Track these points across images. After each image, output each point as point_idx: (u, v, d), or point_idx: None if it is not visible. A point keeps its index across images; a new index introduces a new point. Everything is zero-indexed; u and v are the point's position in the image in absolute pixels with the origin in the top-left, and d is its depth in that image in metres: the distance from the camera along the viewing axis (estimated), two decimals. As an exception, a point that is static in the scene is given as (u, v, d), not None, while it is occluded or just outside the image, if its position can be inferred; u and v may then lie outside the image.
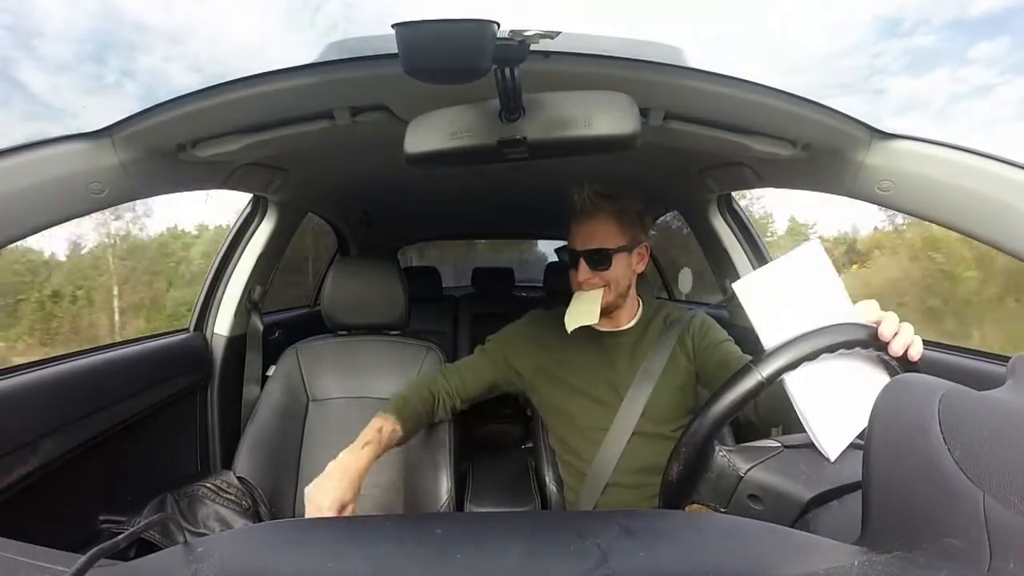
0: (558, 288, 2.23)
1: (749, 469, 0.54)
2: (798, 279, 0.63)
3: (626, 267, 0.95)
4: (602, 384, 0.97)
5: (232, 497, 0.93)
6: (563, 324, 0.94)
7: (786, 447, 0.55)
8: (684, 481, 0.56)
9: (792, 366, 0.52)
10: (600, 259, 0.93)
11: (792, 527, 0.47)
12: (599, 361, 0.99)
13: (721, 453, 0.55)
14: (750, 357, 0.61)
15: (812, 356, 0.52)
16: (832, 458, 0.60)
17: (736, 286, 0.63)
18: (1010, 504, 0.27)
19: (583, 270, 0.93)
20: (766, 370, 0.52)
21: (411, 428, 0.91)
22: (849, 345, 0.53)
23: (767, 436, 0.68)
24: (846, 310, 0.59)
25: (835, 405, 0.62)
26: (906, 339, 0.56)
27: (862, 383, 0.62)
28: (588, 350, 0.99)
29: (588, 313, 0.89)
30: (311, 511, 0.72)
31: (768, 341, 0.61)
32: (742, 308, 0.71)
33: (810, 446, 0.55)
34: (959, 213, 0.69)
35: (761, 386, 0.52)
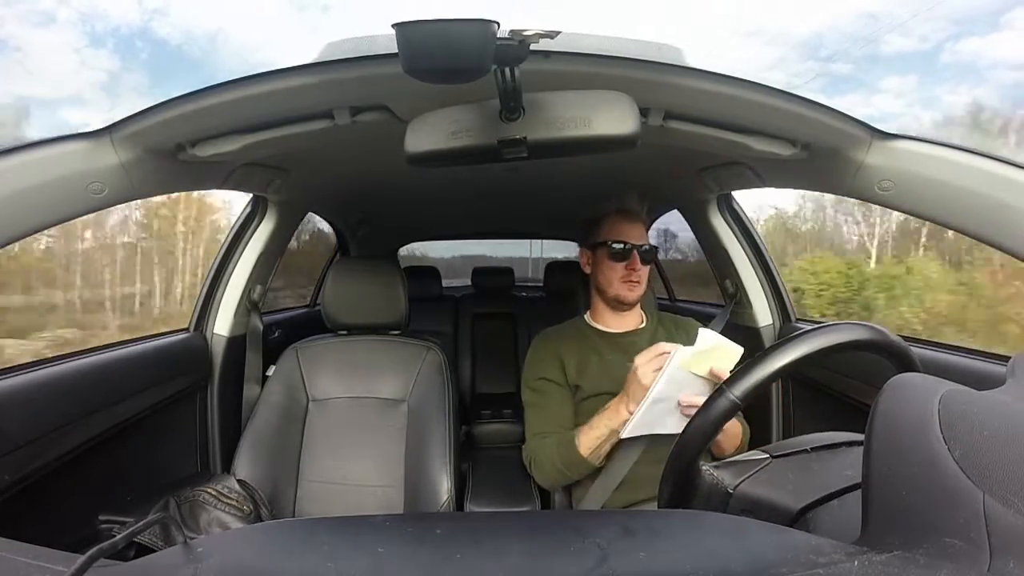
0: (558, 288, 2.24)
1: (738, 485, 0.53)
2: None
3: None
4: (624, 380, 0.99)
5: (234, 502, 0.93)
6: (572, 334, 1.07)
7: (774, 457, 0.54)
8: (676, 504, 0.56)
9: (762, 385, 0.52)
10: (649, 256, 1.04)
11: None
12: (620, 360, 1.03)
13: (708, 471, 0.55)
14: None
15: (776, 376, 0.52)
16: (623, 436, 0.84)
17: (701, 330, 0.79)
18: (1010, 504, 0.27)
19: (636, 262, 1.02)
20: (738, 391, 0.52)
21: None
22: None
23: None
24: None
25: (665, 406, 0.80)
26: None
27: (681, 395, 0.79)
28: (605, 352, 1.05)
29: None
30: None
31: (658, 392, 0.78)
32: (744, 309, 0.76)
33: (798, 453, 0.54)
34: (959, 213, 0.69)
35: (735, 406, 0.52)
